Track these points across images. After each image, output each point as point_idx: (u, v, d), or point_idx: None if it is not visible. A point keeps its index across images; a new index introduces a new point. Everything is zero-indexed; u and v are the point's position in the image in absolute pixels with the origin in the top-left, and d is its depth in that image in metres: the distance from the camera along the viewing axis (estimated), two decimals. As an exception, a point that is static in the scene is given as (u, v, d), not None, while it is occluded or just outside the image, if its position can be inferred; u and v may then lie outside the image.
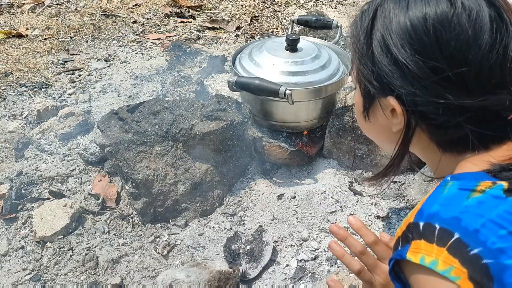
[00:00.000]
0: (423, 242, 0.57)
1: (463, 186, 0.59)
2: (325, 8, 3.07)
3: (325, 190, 1.42)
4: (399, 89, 0.63)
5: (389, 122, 0.70)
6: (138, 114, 1.44)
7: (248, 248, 1.27)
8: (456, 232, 0.55)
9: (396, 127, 0.68)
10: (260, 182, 1.47)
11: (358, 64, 0.70)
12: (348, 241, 0.83)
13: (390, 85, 0.64)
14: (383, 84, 0.66)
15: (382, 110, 0.70)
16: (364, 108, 0.74)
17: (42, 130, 1.75)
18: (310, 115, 1.52)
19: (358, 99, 0.76)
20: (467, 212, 0.56)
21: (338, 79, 1.47)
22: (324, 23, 1.67)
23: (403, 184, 1.52)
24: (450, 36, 0.60)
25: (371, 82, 0.67)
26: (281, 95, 1.30)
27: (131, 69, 2.20)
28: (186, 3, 2.99)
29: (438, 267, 0.55)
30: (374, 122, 0.74)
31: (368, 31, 0.67)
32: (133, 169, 1.36)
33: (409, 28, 0.62)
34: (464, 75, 0.60)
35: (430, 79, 0.61)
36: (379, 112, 0.71)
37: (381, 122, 0.72)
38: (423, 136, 0.68)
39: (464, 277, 0.53)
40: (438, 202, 0.59)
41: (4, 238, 1.34)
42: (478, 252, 0.53)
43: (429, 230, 0.57)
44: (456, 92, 0.60)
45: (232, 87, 1.37)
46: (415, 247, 0.58)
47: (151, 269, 1.26)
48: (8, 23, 2.67)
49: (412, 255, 0.57)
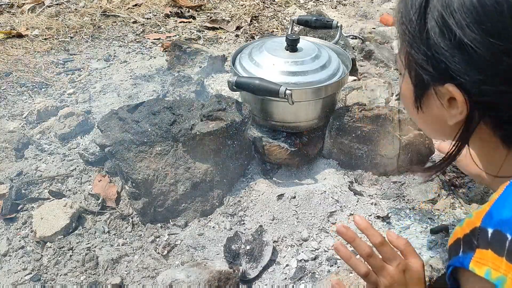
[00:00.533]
0: (491, 253, 0.50)
1: None
2: (325, 8, 3.07)
3: (325, 190, 1.42)
4: (462, 76, 0.55)
5: (445, 112, 0.61)
6: (138, 114, 1.44)
7: (248, 248, 1.27)
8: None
9: (454, 118, 0.60)
10: (260, 182, 1.47)
11: (408, 48, 0.62)
12: (356, 243, 0.78)
13: (450, 71, 0.56)
14: (441, 70, 0.58)
15: (438, 99, 0.61)
16: (416, 98, 0.65)
17: (42, 130, 1.75)
18: (310, 115, 1.52)
19: (407, 88, 0.67)
20: None
21: (338, 79, 1.48)
22: (324, 23, 1.67)
23: (403, 184, 1.52)
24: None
25: (426, 68, 0.59)
26: (281, 95, 1.30)
27: (131, 69, 2.20)
28: (186, 3, 2.99)
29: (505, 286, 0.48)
30: (427, 113, 0.66)
31: (422, 10, 0.58)
32: (133, 169, 1.36)
33: (476, 5, 0.53)
34: None
35: (505, 64, 0.52)
36: (434, 102, 0.63)
37: (435, 113, 0.64)
38: (484, 129, 0.60)
39: None
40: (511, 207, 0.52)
41: (4, 238, 1.34)
42: None
43: (499, 239, 0.50)
44: None
45: (232, 87, 1.37)
46: (481, 257, 0.51)
47: (151, 269, 1.26)
48: (8, 23, 2.67)
49: (476, 266, 0.51)
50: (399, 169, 1.39)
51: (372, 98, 1.81)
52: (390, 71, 2.22)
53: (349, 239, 0.78)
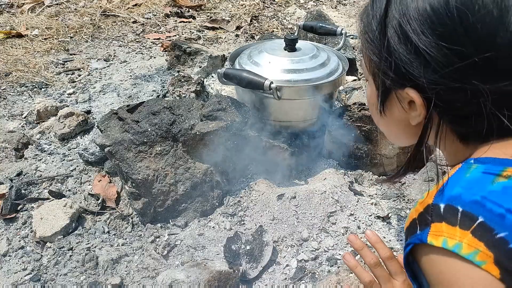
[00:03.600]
0: (445, 224, 0.54)
1: (488, 170, 0.57)
2: (325, 8, 3.07)
3: (325, 190, 1.42)
4: (419, 79, 0.59)
5: (406, 115, 0.66)
6: (138, 114, 1.44)
7: (248, 248, 1.27)
8: (480, 215, 0.53)
9: (416, 119, 0.64)
10: (260, 182, 1.47)
11: (371, 55, 0.66)
12: (364, 252, 0.83)
13: (409, 75, 0.60)
14: (400, 75, 0.61)
15: (400, 102, 0.65)
16: (379, 102, 0.69)
17: (42, 130, 1.75)
18: (308, 115, 1.52)
19: (371, 93, 0.71)
20: (491, 196, 0.54)
21: (336, 78, 1.47)
22: (329, 30, 1.68)
23: (403, 184, 1.52)
24: (476, 18, 0.55)
25: (387, 73, 0.63)
26: (266, 88, 1.29)
27: (131, 69, 2.20)
28: (186, 3, 2.99)
29: (462, 250, 0.52)
30: (390, 116, 0.70)
31: (382, 20, 0.62)
32: (133, 169, 1.36)
33: (430, 13, 0.57)
34: (492, 59, 0.56)
35: (455, 65, 0.57)
36: (395, 105, 0.67)
37: (398, 116, 0.68)
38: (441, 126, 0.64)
39: (490, 261, 0.51)
40: (460, 185, 0.57)
41: (4, 238, 1.34)
42: (505, 236, 0.51)
43: (451, 212, 0.54)
44: (484, 78, 0.56)
45: (221, 78, 1.38)
46: (436, 229, 0.55)
47: (151, 269, 1.26)
48: (8, 23, 2.67)
49: (433, 238, 0.55)
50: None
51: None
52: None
53: (358, 248, 0.84)
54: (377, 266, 0.81)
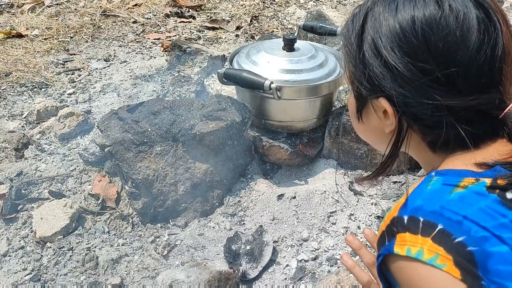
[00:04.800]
0: (408, 234, 0.58)
1: (447, 182, 0.61)
2: (325, 8, 3.07)
3: (325, 190, 1.42)
4: (390, 90, 0.64)
5: (381, 123, 0.71)
6: (138, 114, 1.44)
7: (248, 248, 1.27)
8: (440, 223, 0.56)
9: (389, 128, 0.69)
10: (260, 182, 1.47)
11: (350, 66, 0.71)
12: (362, 251, 0.87)
13: (381, 87, 0.65)
14: (374, 86, 0.66)
15: (375, 111, 0.71)
16: (357, 109, 0.75)
17: (42, 130, 1.75)
18: (307, 115, 1.52)
19: (351, 101, 0.77)
20: (449, 205, 0.58)
21: (334, 79, 1.47)
22: (329, 30, 1.68)
23: (403, 184, 1.52)
24: (438, 37, 0.61)
25: (363, 84, 0.68)
26: (265, 88, 1.30)
27: (131, 69, 2.20)
28: (186, 3, 2.99)
29: (424, 256, 0.56)
30: (367, 123, 0.75)
31: (359, 34, 0.68)
32: (133, 169, 1.35)
33: (398, 31, 0.63)
34: (453, 76, 0.61)
35: (420, 80, 0.61)
36: (371, 114, 0.72)
37: (374, 124, 0.73)
38: (414, 136, 0.69)
39: (450, 264, 0.54)
40: (421, 197, 0.61)
41: (4, 238, 1.34)
42: (463, 240, 0.55)
43: (413, 223, 0.58)
44: (445, 93, 0.61)
45: (221, 78, 1.38)
46: (401, 239, 0.59)
47: (151, 269, 1.26)
48: (8, 23, 2.67)
49: (398, 248, 0.58)
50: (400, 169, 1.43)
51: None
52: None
53: (356, 248, 0.87)
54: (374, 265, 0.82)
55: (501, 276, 0.53)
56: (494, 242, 0.54)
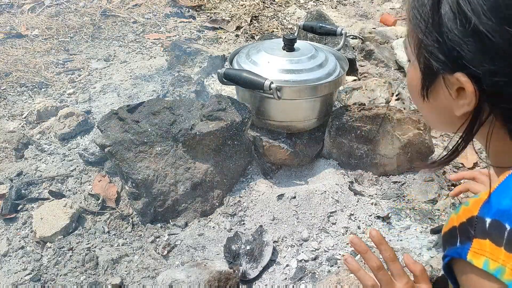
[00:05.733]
0: (489, 243, 0.49)
1: None
2: (325, 8, 3.07)
3: (325, 190, 1.42)
4: (475, 65, 0.52)
5: (453, 103, 0.59)
6: (138, 114, 1.44)
7: (248, 248, 1.27)
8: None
9: (462, 109, 0.57)
10: (260, 182, 1.47)
11: (418, 34, 0.59)
12: (367, 255, 0.79)
13: (462, 59, 0.53)
14: (452, 59, 0.55)
15: (447, 88, 0.59)
16: (423, 86, 0.62)
17: (42, 130, 1.75)
18: (307, 115, 1.52)
19: (414, 76, 0.64)
20: None
21: (334, 79, 1.47)
22: (329, 30, 1.68)
23: (403, 184, 1.52)
24: None
25: (436, 55, 0.56)
26: (266, 88, 1.30)
27: (131, 69, 2.20)
28: (186, 3, 2.99)
29: (504, 276, 0.47)
30: (434, 102, 0.63)
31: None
32: (133, 169, 1.35)
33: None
34: None
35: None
36: (441, 91, 0.60)
37: (442, 103, 0.61)
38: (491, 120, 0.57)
39: None
40: (510, 197, 0.51)
41: (4, 238, 1.34)
42: None
43: (497, 229, 0.49)
44: None
45: (221, 78, 1.38)
46: (478, 247, 0.50)
47: (151, 269, 1.26)
48: (8, 23, 2.67)
49: (473, 257, 0.50)
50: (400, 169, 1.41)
51: (372, 98, 1.81)
52: (390, 71, 2.22)
53: (362, 251, 0.79)
54: (380, 269, 0.78)
55: None
56: None
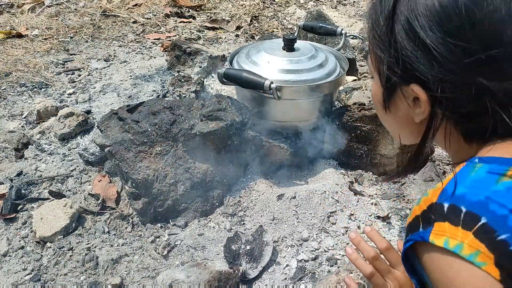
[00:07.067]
0: (447, 224, 0.54)
1: (493, 170, 0.57)
2: (325, 8, 3.07)
3: (325, 190, 1.42)
4: (425, 75, 0.59)
5: (411, 112, 0.66)
6: (138, 114, 1.44)
7: (248, 248, 1.27)
8: (484, 216, 0.53)
9: (420, 116, 0.64)
10: (260, 182, 1.47)
11: (377, 51, 0.66)
12: (361, 246, 0.87)
13: (415, 71, 0.60)
14: (406, 71, 0.62)
15: (405, 99, 0.65)
16: (384, 99, 0.69)
17: (42, 130, 1.75)
18: (307, 115, 1.52)
19: (376, 90, 0.71)
20: (495, 197, 0.54)
21: (334, 79, 1.47)
22: (329, 30, 1.68)
23: (403, 184, 1.52)
24: (483, 15, 0.56)
25: (393, 69, 0.63)
26: (266, 88, 1.30)
27: (131, 69, 2.20)
28: (186, 3, 2.99)
29: (463, 251, 0.52)
30: (395, 113, 0.70)
31: (390, 15, 0.63)
32: (133, 169, 1.36)
33: (438, 9, 0.58)
34: (499, 57, 0.56)
35: (461, 62, 0.57)
36: (400, 102, 0.67)
37: (402, 113, 0.68)
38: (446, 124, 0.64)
39: (490, 263, 0.51)
40: (464, 184, 0.57)
41: (4, 238, 1.34)
42: (506, 238, 0.51)
43: (454, 212, 0.55)
44: (489, 76, 0.56)
45: (221, 78, 1.38)
46: (439, 229, 0.55)
47: (151, 269, 1.26)
48: (8, 23, 2.67)
49: (435, 238, 0.55)
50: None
51: (372, 98, 1.81)
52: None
53: (356, 243, 0.87)
54: (375, 259, 0.84)
55: None
56: None
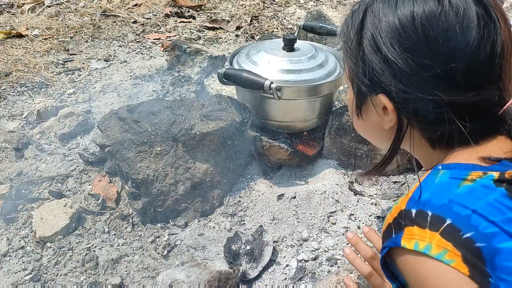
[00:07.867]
0: (416, 228, 0.58)
1: (455, 175, 0.61)
2: (325, 8, 3.07)
3: (325, 190, 1.42)
4: (389, 86, 0.64)
5: (381, 119, 0.71)
6: (138, 114, 1.44)
7: (248, 248, 1.27)
8: (448, 218, 0.56)
9: (388, 124, 0.70)
10: (260, 182, 1.47)
11: (349, 63, 0.72)
12: (359, 246, 0.89)
13: (381, 83, 0.65)
14: (374, 82, 0.67)
15: (374, 108, 0.71)
16: (356, 106, 0.75)
17: (42, 130, 1.75)
18: (307, 115, 1.52)
19: (350, 97, 0.77)
20: (458, 199, 0.58)
21: (334, 79, 1.47)
22: (329, 30, 1.68)
23: (403, 184, 1.52)
24: (438, 33, 0.61)
25: (363, 80, 0.68)
26: (266, 88, 1.30)
27: (131, 69, 2.20)
28: (186, 3, 2.99)
29: (432, 251, 0.55)
30: (366, 120, 0.75)
31: (359, 30, 0.68)
32: (133, 169, 1.36)
33: (398, 27, 0.63)
34: (453, 71, 0.61)
35: (419, 75, 0.62)
36: (371, 110, 0.72)
37: (373, 120, 0.73)
38: (414, 132, 0.69)
39: (458, 260, 0.54)
40: (429, 190, 0.61)
41: (4, 238, 1.34)
42: (471, 236, 0.55)
43: (421, 216, 0.58)
44: (445, 89, 0.61)
45: (221, 78, 1.38)
46: (409, 233, 0.58)
47: (151, 269, 1.26)
48: (8, 23, 2.67)
49: (406, 242, 0.58)
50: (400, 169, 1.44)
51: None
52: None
53: (353, 243, 0.90)
54: (373, 259, 0.86)
55: (509, 272, 0.53)
56: (502, 238, 0.54)
